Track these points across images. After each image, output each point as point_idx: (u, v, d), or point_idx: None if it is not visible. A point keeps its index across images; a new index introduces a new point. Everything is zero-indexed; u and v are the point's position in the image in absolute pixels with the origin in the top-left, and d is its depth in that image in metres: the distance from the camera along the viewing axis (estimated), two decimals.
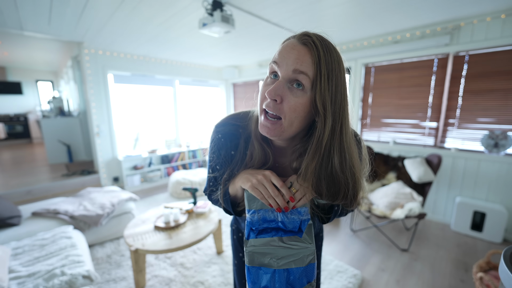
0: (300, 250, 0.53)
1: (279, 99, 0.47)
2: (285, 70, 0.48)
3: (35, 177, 3.95)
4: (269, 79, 0.51)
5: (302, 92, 0.48)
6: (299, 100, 0.48)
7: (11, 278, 1.32)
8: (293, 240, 0.54)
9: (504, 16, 2.17)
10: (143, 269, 1.74)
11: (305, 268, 0.54)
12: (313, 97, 0.48)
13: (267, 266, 0.53)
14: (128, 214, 2.45)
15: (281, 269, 0.53)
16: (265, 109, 0.50)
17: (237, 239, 0.88)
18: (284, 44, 0.51)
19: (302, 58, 0.47)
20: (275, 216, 0.56)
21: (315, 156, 0.50)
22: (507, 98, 2.29)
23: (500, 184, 2.35)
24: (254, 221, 0.56)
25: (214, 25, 1.90)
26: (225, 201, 0.65)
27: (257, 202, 0.57)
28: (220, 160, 0.65)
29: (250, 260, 0.54)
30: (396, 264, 2.01)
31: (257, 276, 0.54)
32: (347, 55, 3.27)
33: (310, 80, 0.47)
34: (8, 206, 2.03)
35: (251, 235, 0.56)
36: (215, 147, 0.64)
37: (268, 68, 0.52)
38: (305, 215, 0.57)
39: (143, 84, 4.19)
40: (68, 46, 3.83)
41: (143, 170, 4.04)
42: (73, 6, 2.06)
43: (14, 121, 7.27)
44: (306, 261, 0.54)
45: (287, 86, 0.48)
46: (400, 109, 2.99)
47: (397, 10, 2.17)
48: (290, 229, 0.56)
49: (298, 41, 0.49)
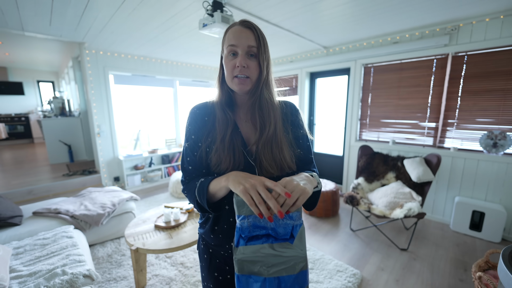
0: (291, 258, 0.52)
1: (246, 66, 0.68)
2: (242, 47, 0.67)
3: (36, 177, 3.97)
4: (230, 57, 0.69)
5: (254, 59, 0.69)
6: (254, 63, 0.69)
7: (12, 277, 1.32)
8: (283, 247, 0.52)
9: (503, 16, 2.18)
10: (144, 269, 1.75)
11: (297, 275, 0.53)
12: (258, 60, 0.70)
13: (257, 275, 0.52)
14: (129, 213, 2.46)
15: (271, 277, 0.51)
16: (236, 75, 0.68)
17: (209, 258, 0.79)
18: (233, 30, 0.69)
19: (251, 37, 0.68)
20: (265, 223, 0.54)
21: (255, 94, 0.72)
22: (506, 98, 2.29)
23: (499, 184, 2.36)
24: (244, 228, 0.54)
25: (214, 25, 1.91)
26: (200, 195, 0.65)
27: (247, 208, 0.54)
28: (195, 128, 0.74)
29: (239, 268, 0.52)
30: (396, 263, 2.02)
31: (247, 285, 0.52)
32: (347, 56, 3.28)
33: (256, 50, 0.69)
34: (9, 206, 2.05)
35: (241, 242, 0.54)
36: (191, 118, 0.76)
37: (226, 50, 0.70)
38: (297, 219, 0.55)
39: (144, 85, 4.21)
40: (69, 46, 3.85)
41: (144, 170, 4.05)
42: (74, 6, 2.07)
43: (15, 121, 7.29)
44: (297, 268, 0.52)
45: (246, 57, 0.68)
46: (399, 109, 3.00)
47: (396, 11, 2.17)
48: (282, 235, 0.54)
49: (242, 26, 0.69)
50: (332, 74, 3.74)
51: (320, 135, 4.16)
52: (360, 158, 2.90)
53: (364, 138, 3.41)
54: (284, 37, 2.95)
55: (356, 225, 2.66)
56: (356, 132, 3.43)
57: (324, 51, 3.59)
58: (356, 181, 2.74)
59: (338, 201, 2.95)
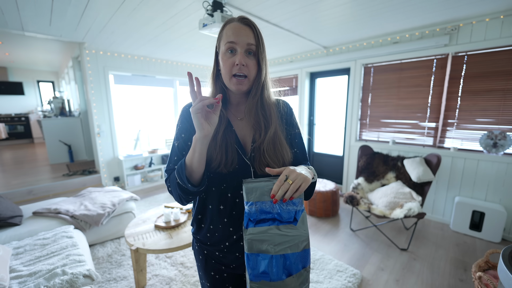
0: (295, 237, 0.58)
1: (245, 64, 0.66)
2: (242, 45, 0.66)
3: (36, 177, 3.97)
4: (228, 54, 0.67)
5: (253, 57, 0.68)
6: (253, 62, 0.68)
7: (12, 277, 1.32)
8: (288, 228, 0.58)
9: (503, 16, 2.18)
10: (144, 269, 1.75)
11: (300, 253, 0.59)
12: (257, 58, 0.69)
13: (265, 252, 0.57)
14: (129, 213, 2.46)
15: (278, 254, 0.57)
16: (235, 73, 0.66)
17: (204, 259, 0.79)
18: (231, 27, 0.67)
19: (250, 34, 0.66)
20: (271, 208, 0.60)
21: (257, 94, 0.71)
22: (506, 98, 2.29)
23: (499, 184, 2.36)
24: (252, 212, 0.60)
25: (214, 25, 1.91)
26: (179, 173, 0.64)
27: (255, 194, 0.59)
28: (186, 126, 0.73)
29: (249, 247, 0.58)
30: (396, 263, 2.02)
31: (256, 262, 0.57)
32: (347, 56, 3.28)
33: (255, 48, 0.67)
34: (9, 206, 2.05)
35: (250, 224, 0.59)
36: (182, 116, 0.74)
37: (224, 46, 0.67)
38: (299, 205, 0.61)
39: (144, 85, 4.21)
40: (69, 46, 3.85)
41: (144, 170, 4.05)
42: (74, 6, 2.07)
43: (15, 121, 7.29)
44: (301, 246, 0.58)
45: (245, 55, 0.67)
46: (399, 109, 3.00)
47: (396, 11, 2.17)
48: (286, 219, 0.60)
49: (242, 23, 0.67)
50: (332, 74, 3.74)
51: (320, 135, 4.16)
52: (360, 158, 2.90)
53: (364, 138, 3.42)
54: (284, 37, 2.95)
55: (356, 225, 2.66)
56: (356, 132, 3.43)
57: (324, 51, 3.59)
58: (356, 181, 2.74)
59: (338, 201, 2.95)
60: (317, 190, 2.87)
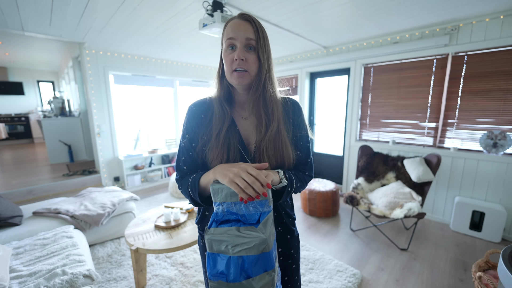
0: (252, 239, 0.57)
1: (244, 59, 0.66)
2: (241, 40, 0.66)
3: (36, 177, 3.97)
4: (228, 51, 0.68)
5: (253, 52, 0.68)
6: (253, 57, 0.68)
7: (12, 277, 1.32)
8: (248, 230, 0.58)
9: (503, 16, 2.18)
10: (144, 269, 1.75)
11: (259, 256, 0.57)
12: (257, 53, 0.69)
13: (224, 253, 0.57)
14: (129, 213, 2.46)
15: (235, 256, 0.56)
16: (235, 68, 0.67)
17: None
18: (231, 24, 0.68)
19: (249, 30, 0.67)
20: (237, 210, 0.61)
21: (258, 89, 0.71)
22: (506, 98, 2.29)
23: (499, 184, 2.36)
24: (219, 213, 0.61)
25: (214, 25, 1.91)
26: (192, 189, 0.67)
27: (221, 195, 0.61)
28: (192, 125, 0.73)
29: (209, 247, 0.58)
30: (396, 263, 2.02)
31: (215, 262, 0.58)
32: (347, 56, 3.28)
33: (255, 43, 0.68)
34: (9, 206, 2.05)
35: (213, 224, 0.60)
36: (188, 115, 0.75)
37: (225, 44, 0.69)
38: (266, 207, 0.61)
39: (144, 85, 4.21)
40: (69, 46, 3.85)
41: (144, 170, 4.05)
42: (74, 6, 2.07)
43: (15, 121, 7.30)
44: (259, 249, 0.57)
45: (245, 50, 0.67)
46: (399, 109, 3.00)
47: (396, 11, 2.17)
48: (250, 221, 0.60)
49: (241, 19, 0.68)
50: (332, 74, 3.74)
51: (320, 135, 4.16)
52: (360, 158, 2.90)
53: (364, 138, 3.41)
54: (284, 37, 2.95)
55: (356, 225, 2.66)
56: (356, 132, 3.43)
57: (324, 51, 3.59)
58: (356, 181, 2.74)
59: (338, 201, 2.95)
60: (317, 190, 2.87)
